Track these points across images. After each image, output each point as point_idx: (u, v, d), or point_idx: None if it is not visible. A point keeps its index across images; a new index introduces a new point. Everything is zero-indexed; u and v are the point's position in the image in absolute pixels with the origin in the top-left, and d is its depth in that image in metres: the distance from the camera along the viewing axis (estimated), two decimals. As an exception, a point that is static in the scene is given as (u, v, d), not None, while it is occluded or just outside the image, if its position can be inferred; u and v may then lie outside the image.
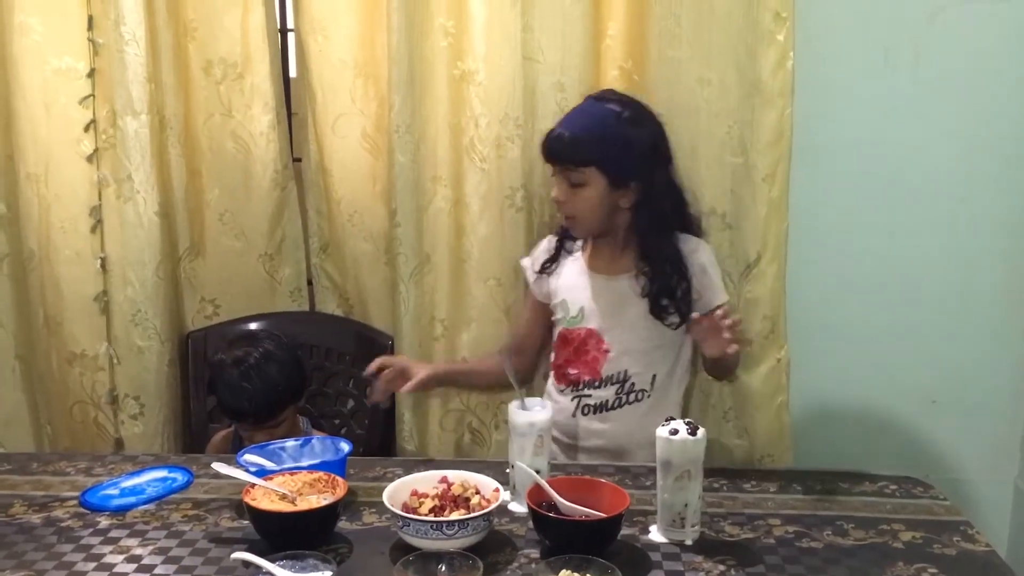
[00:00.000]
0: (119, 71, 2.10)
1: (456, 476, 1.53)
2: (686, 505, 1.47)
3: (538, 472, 1.52)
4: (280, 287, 2.32)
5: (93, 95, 2.13)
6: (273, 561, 1.29)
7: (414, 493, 1.50)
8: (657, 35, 1.99)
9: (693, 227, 1.92)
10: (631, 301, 1.88)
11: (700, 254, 1.88)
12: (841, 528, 1.53)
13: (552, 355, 2.00)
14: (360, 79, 2.16)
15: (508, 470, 1.61)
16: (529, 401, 1.63)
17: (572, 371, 1.93)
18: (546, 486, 1.47)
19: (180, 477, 1.72)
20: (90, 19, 2.11)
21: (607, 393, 1.91)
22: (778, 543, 1.48)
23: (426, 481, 1.53)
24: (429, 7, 2.04)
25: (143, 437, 2.24)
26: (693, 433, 1.46)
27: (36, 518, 1.56)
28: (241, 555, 1.31)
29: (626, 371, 1.90)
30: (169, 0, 2.13)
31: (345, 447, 1.65)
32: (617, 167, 1.81)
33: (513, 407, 1.61)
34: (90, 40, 2.11)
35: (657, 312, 1.86)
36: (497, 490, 1.49)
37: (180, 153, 2.20)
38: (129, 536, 1.50)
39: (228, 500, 1.61)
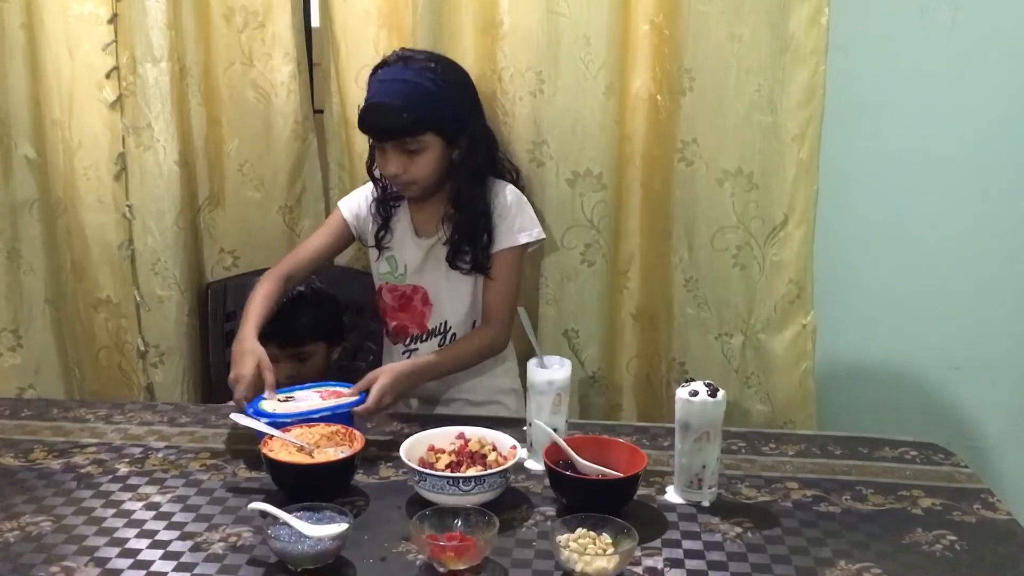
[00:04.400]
0: (140, 17, 2.08)
1: (473, 432, 1.53)
2: (704, 467, 1.46)
3: (555, 430, 1.52)
4: (300, 239, 2.30)
5: (116, 41, 2.11)
6: (290, 512, 1.29)
7: (431, 448, 1.50)
8: (688, -13, 1.95)
9: (501, 171, 1.95)
10: (444, 255, 1.92)
11: (500, 197, 1.90)
12: (860, 493, 1.52)
13: (380, 309, 2.02)
14: (384, 30, 2.13)
15: (525, 428, 1.61)
16: (548, 359, 1.63)
17: (399, 325, 1.98)
18: (564, 444, 1.47)
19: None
20: (111, -37, 2.09)
21: (431, 345, 1.96)
22: (795, 506, 1.47)
23: (443, 437, 1.53)
24: (455, -42, 2.00)
25: (163, 386, 2.26)
26: (713, 395, 1.45)
27: (56, 464, 1.58)
28: (258, 505, 1.31)
29: (446, 322, 1.95)
30: (190, -54, 2.10)
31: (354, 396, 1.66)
32: (451, 125, 1.83)
33: (532, 365, 1.60)
34: (111, -15, 2.09)
35: (452, 258, 1.89)
36: (514, 447, 1.49)
37: (200, 102, 2.19)
38: (148, 484, 1.51)
39: (246, 451, 1.62)
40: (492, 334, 1.92)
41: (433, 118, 1.80)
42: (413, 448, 1.48)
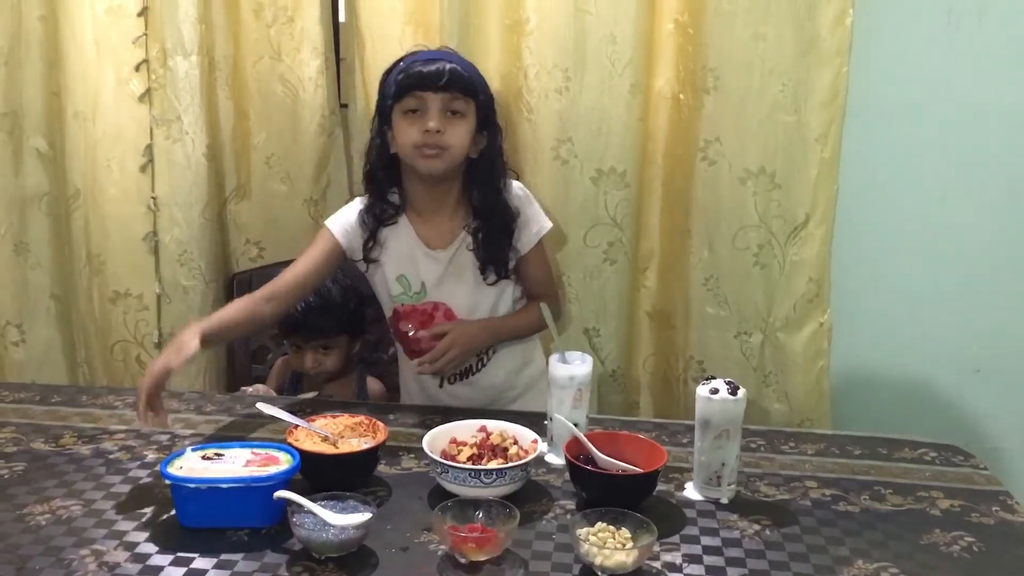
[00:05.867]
0: (171, 11, 2.11)
1: (495, 426, 1.55)
2: (723, 464, 1.47)
3: (576, 425, 1.53)
4: (324, 232, 2.33)
5: (146, 34, 2.13)
6: (315, 501, 1.32)
7: (453, 441, 1.52)
8: (714, -14, 1.96)
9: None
10: (468, 265, 1.86)
11: (514, 193, 1.87)
12: (878, 493, 1.52)
13: (391, 330, 1.95)
14: (410, 26, 2.15)
15: (546, 422, 1.62)
16: (570, 355, 1.64)
17: (426, 346, 1.86)
18: (584, 439, 1.48)
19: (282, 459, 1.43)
20: (141, -42, 2.11)
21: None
22: (814, 505, 1.48)
23: (465, 430, 1.54)
24: (483, -46, 2.02)
25: (186, 376, 2.28)
26: (734, 393, 1.46)
27: (85, 449, 1.61)
28: (284, 494, 1.33)
29: None
30: (221, -59, 2.13)
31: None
32: (485, 108, 1.81)
33: (554, 360, 1.61)
34: (141, -21, 2.12)
35: (485, 267, 1.85)
36: (535, 441, 1.50)
37: (228, 95, 2.22)
38: (175, 471, 1.53)
39: (271, 439, 1.63)
40: (551, 302, 1.84)
41: (478, 87, 1.80)
42: (435, 440, 1.50)
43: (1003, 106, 2.09)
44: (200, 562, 1.27)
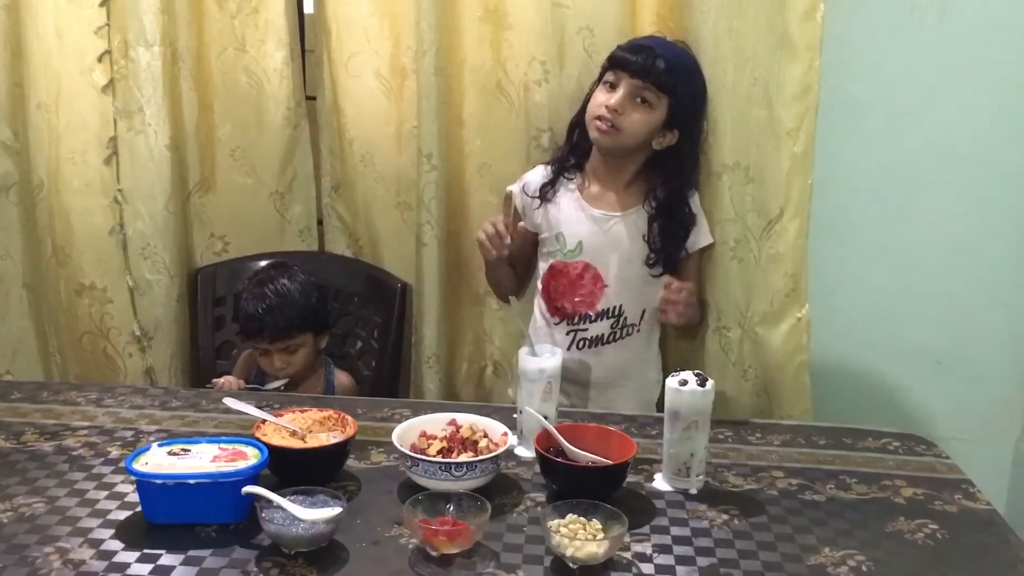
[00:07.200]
0: (132, 1, 2.07)
1: (465, 419, 1.55)
2: (692, 455, 1.49)
3: (546, 418, 1.54)
4: (290, 226, 2.31)
5: (108, 24, 2.10)
6: (284, 496, 1.31)
7: (423, 434, 1.51)
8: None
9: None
10: (629, 237, 1.94)
11: (693, 203, 1.97)
12: (844, 482, 1.54)
13: (540, 285, 2.02)
14: (376, 17, 2.13)
15: (516, 415, 1.62)
16: (539, 348, 1.64)
17: (567, 304, 1.97)
18: (554, 431, 1.49)
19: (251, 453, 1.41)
20: (103, -53, 2.07)
21: (602, 327, 1.96)
22: (781, 495, 1.50)
23: (435, 423, 1.54)
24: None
25: (151, 371, 2.25)
26: (702, 384, 1.47)
27: (48, 446, 1.58)
28: (252, 489, 1.32)
29: (620, 306, 1.96)
30: (183, -70, 2.09)
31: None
32: (681, 107, 1.88)
33: (523, 353, 1.62)
34: (103, -32, 2.08)
35: (655, 258, 1.94)
36: (505, 434, 1.51)
37: (192, 87, 2.18)
38: (140, 467, 1.51)
39: (238, 435, 1.62)
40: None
41: (679, 86, 1.86)
42: (405, 434, 1.49)
43: (965, 100, 2.12)
44: (167, 559, 1.26)
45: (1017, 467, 2.33)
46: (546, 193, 1.99)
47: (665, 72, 1.83)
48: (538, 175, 2.01)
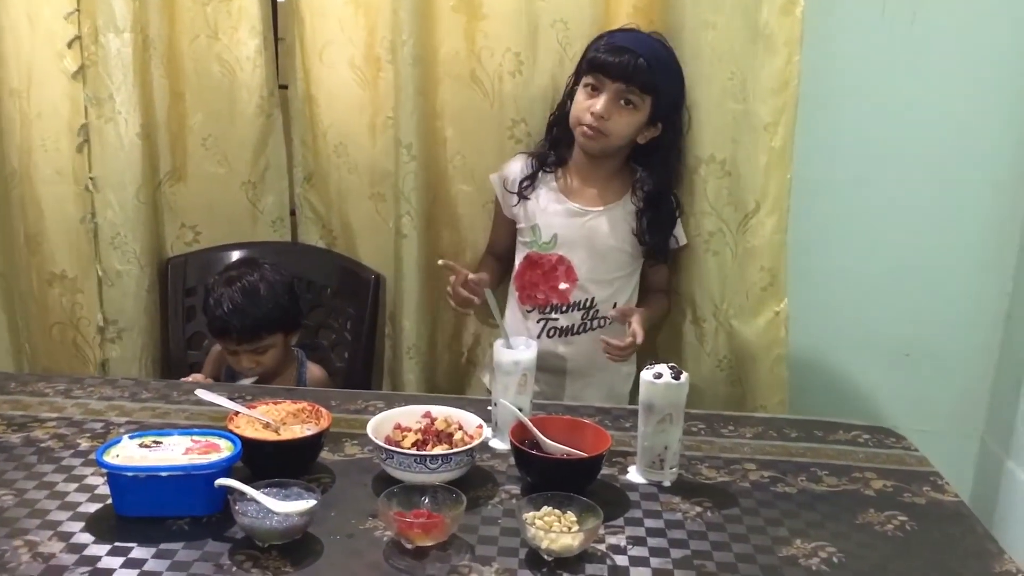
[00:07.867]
0: (102, -14, 2.03)
1: (439, 412, 1.54)
2: (666, 447, 1.49)
3: (521, 410, 1.54)
4: (262, 216, 2.29)
5: (78, 10, 2.06)
6: (257, 488, 1.30)
7: (397, 427, 1.51)
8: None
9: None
10: (604, 231, 1.96)
11: (677, 194, 2.00)
12: (815, 475, 1.56)
13: (516, 274, 2.04)
14: (350, 6, 2.11)
15: (490, 407, 1.62)
16: (514, 340, 1.64)
17: (540, 295, 2.00)
18: (529, 424, 1.49)
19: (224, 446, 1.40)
20: (73, -70, 2.04)
21: (573, 318, 1.99)
22: (753, 487, 1.51)
23: (409, 415, 1.54)
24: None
25: (121, 361, 2.23)
26: (677, 377, 1.48)
27: (15, 438, 1.56)
28: (225, 481, 1.31)
29: (592, 298, 1.98)
30: (156, -86, 2.06)
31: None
32: (664, 103, 1.89)
33: (498, 345, 1.62)
34: (73, -48, 2.05)
35: (641, 248, 1.98)
36: (480, 427, 1.50)
37: (163, 74, 2.15)
38: (110, 459, 1.50)
39: (210, 427, 1.60)
40: (663, 301, 2.08)
41: (662, 83, 1.86)
42: (379, 426, 1.49)
43: (934, 96, 2.16)
44: (139, 552, 1.25)
45: (982, 460, 2.37)
46: (525, 189, 2.00)
47: (647, 72, 1.84)
48: (518, 166, 2.02)
